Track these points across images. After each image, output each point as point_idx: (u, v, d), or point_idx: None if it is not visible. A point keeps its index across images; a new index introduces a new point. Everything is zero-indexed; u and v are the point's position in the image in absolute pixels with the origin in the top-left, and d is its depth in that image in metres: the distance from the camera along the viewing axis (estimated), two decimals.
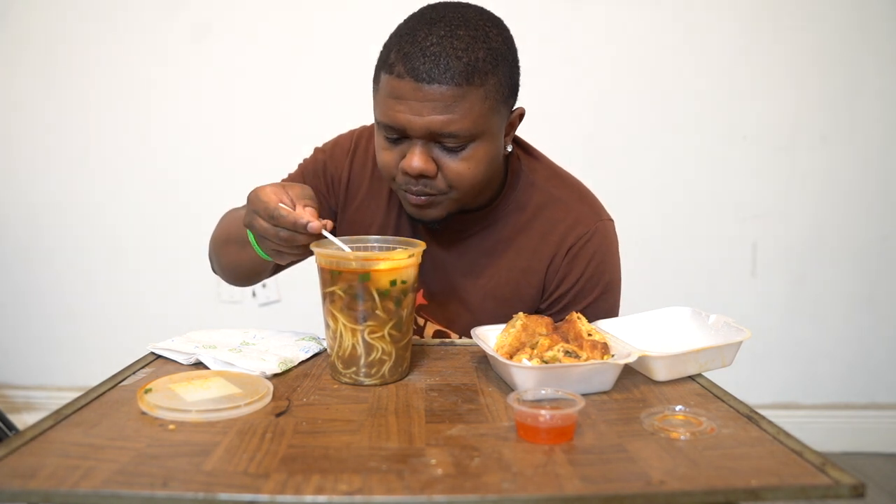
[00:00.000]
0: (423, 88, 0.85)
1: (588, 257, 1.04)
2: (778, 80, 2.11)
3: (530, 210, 1.05)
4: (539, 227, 1.05)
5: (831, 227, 2.17)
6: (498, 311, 1.03)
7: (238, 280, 1.13)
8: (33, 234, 2.23)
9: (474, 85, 0.86)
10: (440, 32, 0.86)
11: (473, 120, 0.87)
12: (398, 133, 0.90)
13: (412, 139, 0.89)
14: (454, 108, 0.85)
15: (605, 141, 2.13)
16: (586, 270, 1.04)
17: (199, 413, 0.73)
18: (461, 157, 0.90)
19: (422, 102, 0.85)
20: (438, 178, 0.91)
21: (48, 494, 0.58)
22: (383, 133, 0.92)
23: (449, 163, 0.90)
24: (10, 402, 2.27)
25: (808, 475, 0.60)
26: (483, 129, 0.89)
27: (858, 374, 2.22)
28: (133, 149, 2.18)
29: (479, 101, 0.87)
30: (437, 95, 0.85)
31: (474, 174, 0.91)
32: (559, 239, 1.04)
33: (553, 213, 1.05)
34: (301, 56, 2.12)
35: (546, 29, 2.08)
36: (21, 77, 2.16)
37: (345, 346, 0.85)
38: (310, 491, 0.57)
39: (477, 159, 0.90)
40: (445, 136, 0.87)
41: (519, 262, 1.05)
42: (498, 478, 0.60)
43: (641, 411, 0.75)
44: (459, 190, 0.92)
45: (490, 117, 0.89)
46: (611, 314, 1.06)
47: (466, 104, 0.86)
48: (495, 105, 0.90)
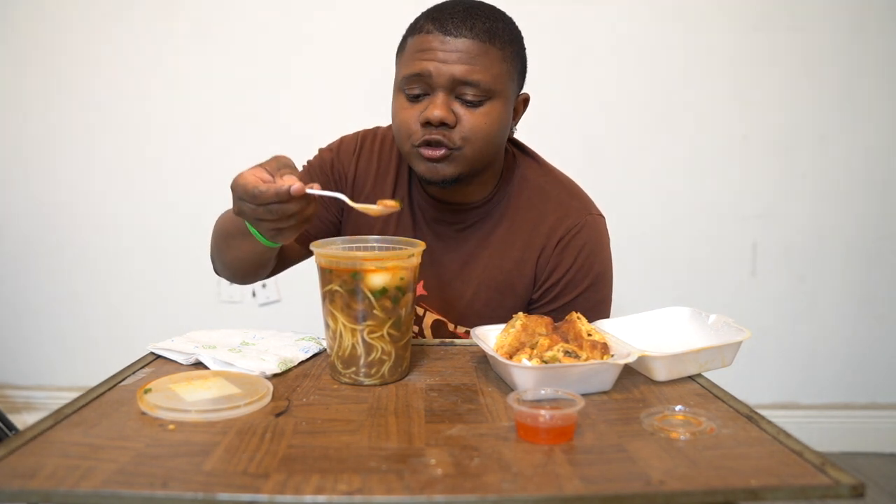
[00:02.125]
0: (449, 41, 0.93)
1: (577, 248, 1.08)
2: (778, 80, 2.11)
3: (523, 203, 1.10)
4: (531, 220, 1.09)
5: (831, 227, 2.17)
6: (491, 301, 1.09)
7: (244, 276, 1.13)
8: (33, 234, 2.23)
9: (495, 46, 0.95)
10: (465, 4, 0.97)
11: (493, 76, 0.95)
12: (422, 83, 0.96)
13: (434, 92, 0.95)
14: (477, 61, 0.93)
15: (606, 141, 2.13)
16: (576, 261, 1.07)
17: (199, 413, 0.73)
18: (479, 112, 0.96)
19: (448, 52, 0.93)
20: (456, 129, 0.96)
21: (48, 494, 0.58)
22: (404, 92, 0.98)
23: (467, 115, 0.96)
24: (10, 402, 2.27)
25: (807, 475, 0.60)
26: (500, 89, 0.96)
27: (858, 374, 2.22)
28: (133, 149, 2.18)
29: (498, 61, 0.95)
30: (463, 47, 0.93)
31: (488, 131, 0.97)
32: (549, 230, 1.08)
33: (544, 207, 1.09)
34: (303, 56, 2.12)
35: (546, 29, 2.08)
36: (24, 77, 2.16)
37: (344, 346, 0.85)
38: (309, 491, 0.57)
39: (492, 117, 0.97)
40: (467, 86, 0.94)
41: (512, 252, 1.09)
42: (498, 478, 0.60)
43: (641, 411, 0.75)
44: (473, 145, 0.97)
45: (506, 80, 0.97)
46: (602, 307, 1.10)
47: (487, 60, 0.94)
48: (510, 72, 0.98)
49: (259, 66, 2.13)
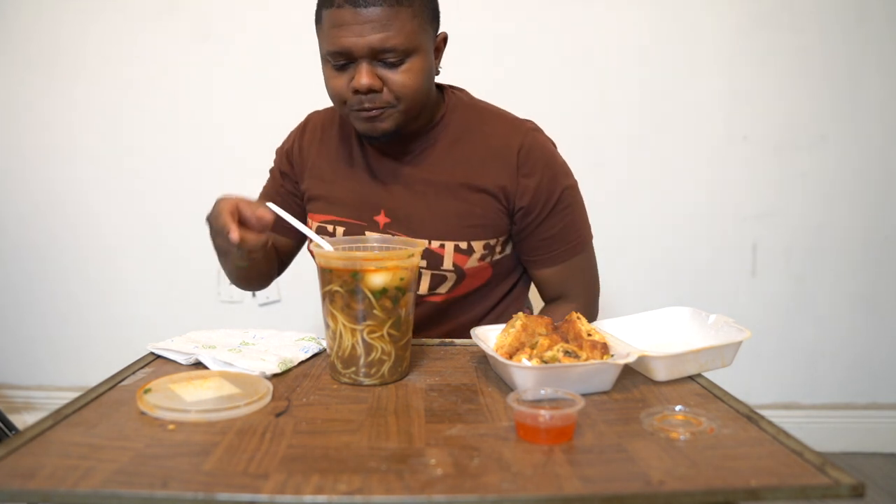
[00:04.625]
0: (360, 12, 0.97)
1: (534, 161, 1.12)
2: (778, 80, 2.11)
3: (462, 121, 1.15)
4: (478, 139, 1.14)
5: (831, 227, 2.16)
6: (460, 209, 1.12)
7: (248, 283, 1.27)
8: (33, 234, 2.23)
9: (403, 6, 0.98)
10: None
11: (407, 35, 0.99)
12: (345, 57, 1.00)
13: (357, 61, 1.00)
14: (389, 26, 0.97)
15: (606, 140, 2.13)
16: (543, 174, 1.12)
17: (199, 413, 0.73)
18: (401, 70, 1.01)
19: (361, 24, 0.97)
20: (385, 91, 1.02)
21: (48, 494, 0.58)
22: (330, 63, 1.03)
23: (392, 76, 1.01)
24: (10, 402, 2.27)
25: (807, 475, 0.60)
26: (416, 45, 1.01)
27: (858, 374, 2.22)
28: (133, 148, 2.18)
29: (409, 19, 0.99)
30: (374, 16, 0.97)
31: (415, 84, 1.02)
32: (506, 155, 1.12)
33: (486, 127, 1.15)
34: (302, 56, 2.11)
35: (546, 28, 2.08)
36: (22, 76, 2.16)
37: (344, 346, 0.85)
38: (309, 491, 0.57)
39: (415, 71, 1.02)
40: (385, 52, 0.99)
41: (463, 160, 1.13)
42: (498, 478, 0.60)
43: (641, 411, 0.75)
44: (405, 100, 1.03)
45: (420, 34, 1.02)
46: (581, 207, 1.17)
47: (398, 22, 0.98)
48: (423, 24, 1.02)
49: (260, 66, 2.13)
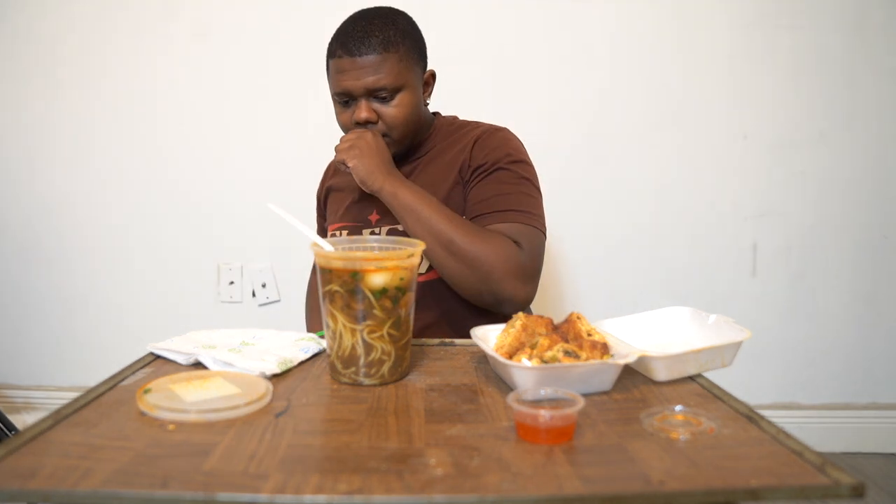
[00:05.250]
0: (357, 60, 1.17)
1: (490, 138, 1.27)
2: (777, 79, 2.11)
3: (445, 140, 1.32)
4: (453, 146, 1.30)
5: (831, 226, 2.16)
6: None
7: None
8: (33, 234, 2.23)
9: (391, 52, 1.18)
10: (362, 23, 1.20)
11: (395, 76, 1.19)
12: (347, 96, 1.21)
13: (357, 99, 1.21)
14: (380, 70, 1.18)
15: (605, 140, 2.12)
16: (493, 145, 1.25)
17: (199, 413, 0.73)
18: (392, 105, 1.21)
19: (358, 70, 1.18)
20: (379, 123, 1.22)
21: (48, 494, 0.58)
22: (338, 102, 1.24)
23: (385, 110, 1.21)
24: (10, 402, 2.27)
25: (807, 475, 0.60)
26: (404, 83, 1.20)
27: (858, 374, 2.22)
28: (134, 149, 2.18)
29: (396, 62, 1.19)
30: (367, 63, 1.17)
31: (404, 115, 1.22)
32: (467, 142, 1.27)
33: (460, 134, 1.31)
34: (302, 57, 2.11)
35: (546, 28, 2.08)
36: (23, 76, 2.16)
37: (344, 346, 0.85)
38: (309, 491, 0.57)
39: (404, 105, 1.22)
40: (378, 90, 1.19)
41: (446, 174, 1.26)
42: (497, 478, 0.60)
43: (641, 411, 0.75)
44: (396, 129, 1.23)
45: (407, 74, 1.21)
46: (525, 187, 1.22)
47: (388, 65, 1.18)
48: (410, 65, 1.21)
49: (262, 68, 2.13)
